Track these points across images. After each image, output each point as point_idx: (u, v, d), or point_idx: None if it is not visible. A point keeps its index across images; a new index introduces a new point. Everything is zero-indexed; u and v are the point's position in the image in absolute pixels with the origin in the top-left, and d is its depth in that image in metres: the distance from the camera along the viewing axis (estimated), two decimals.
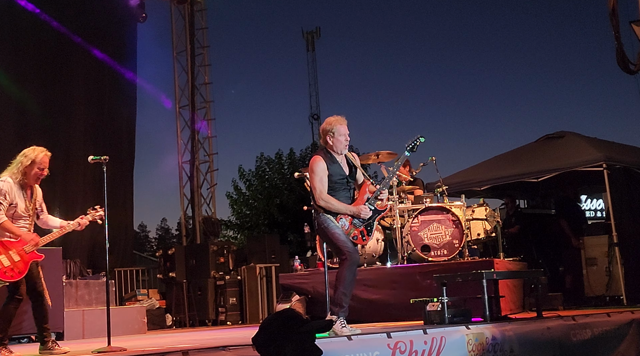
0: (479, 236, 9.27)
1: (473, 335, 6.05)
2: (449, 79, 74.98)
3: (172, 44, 15.79)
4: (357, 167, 6.46)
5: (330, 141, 6.28)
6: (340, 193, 6.25)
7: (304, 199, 20.09)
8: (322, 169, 6.18)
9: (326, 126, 6.35)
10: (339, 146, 6.31)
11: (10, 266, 6.19)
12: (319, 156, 6.25)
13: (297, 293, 9.22)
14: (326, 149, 6.33)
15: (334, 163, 6.25)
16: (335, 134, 6.28)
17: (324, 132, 6.34)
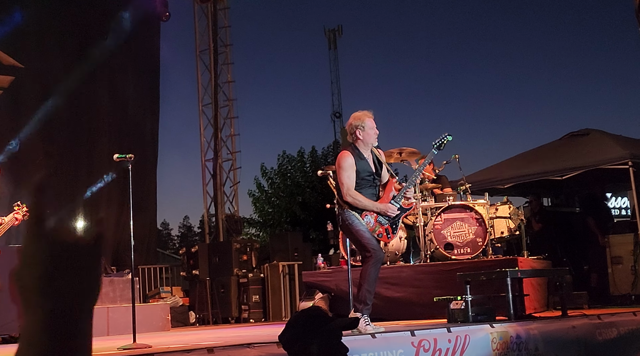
0: (503, 234, 9.21)
1: (497, 333, 6.03)
2: (472, 77, 74.66)
3: (195, 42, 15.85)
4: (383, 163, 6.45)
5: (360, 136, 6.26)
6: (366, 189, 6.25)
7: (326, 197, 20.16)
8: (350, 164, 6.18)
9: (354, 121, 6.32)
10: (369, 139, 6.30)
11: None
12: (347, 152, 6.24)
13: (320, 291, 9.23)
14: (354, 145, 6.32)
15: (361, 159, 6.25)
16: (365, 127, 6.27)
17: (353, 127, 6.31)
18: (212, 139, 15.44)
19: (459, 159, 9.63)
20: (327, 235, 13.18)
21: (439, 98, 75.78)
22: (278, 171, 24.33)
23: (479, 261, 8.56)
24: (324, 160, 24.29)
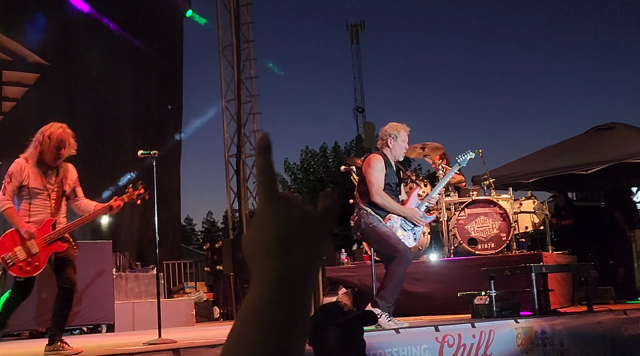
0: (527, 229, 9.17)
1: (522, 328, 6.01)
2: (496, 70, 74.21)
3: (218, 38, 15.89)
4: (402, 177, 6.46)
5: (390, 144, 6.26)
6: (390, 194, 6.25)
7: (349, 192, 20.12)
8: (381, 167, 6.17)
9: (390, 129, 6.31)
10: (398, 152, 6.31)
11: (26, 259, 5.68)
12: (379, 155, 6.24)
13: (344, 286, 9.24)
14: (382, 151, 6.31)
15: (389, 167, 6.25)
16: (399, 139, 6.28)
17: (386, 135, 6.30)
18: (236, 135, 15.48)
19: (482, 154, 9.59)
20: (349, 230, 13.17)
21: (462, 92, 75.43)
22: (301, 167, 24.41)
23: (503, 256, 8.52)
24: (347, 155, 24.32)
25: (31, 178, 5.83)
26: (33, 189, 5.82)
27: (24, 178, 5.82)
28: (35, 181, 5.84)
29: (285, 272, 0.90)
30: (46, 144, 5.92)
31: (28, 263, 5.67)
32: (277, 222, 0.91)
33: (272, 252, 0.90)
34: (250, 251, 0.92)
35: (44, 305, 8.75)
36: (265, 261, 0.90)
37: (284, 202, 0.93)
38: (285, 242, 0.90)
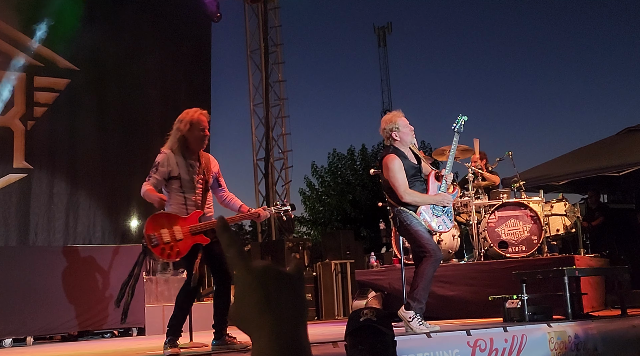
0: (558, 232, 9.09)
1: (555, 333, 5.95)
2: (525, 72, 73.60)
3: (246, 42, 15.96)
4: (421, 158, 6.44)
5: (397, 137, 6.25)
6: (416, 185, 6.24)
7: (377, 195, 20.14)
8: (398, 166, 6.17)
9: (387, 125, 6.31)
10: (407, 138, 6.30)
11: (169, 243, 5.58)
12: (392, 155, 6.23)
13: (374, 290, 9.21)
14: (394, 147, 6.30)
15: (405, 159, 6.24)
16: (400, 127, 6.27)
17: (387, 131, 6.29)
18: (264, 138, 15.52)
19: (513, 156, 9.53)
20: (378, 233, 13.14)
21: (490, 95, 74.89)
22: (328, 169, 24.38)
23: (534, 259, 8.44)
24: (374, 158, 24.27)
25: (181, 168, 5.73)
26: (184, 180, 5.72)
27: (172, 167, 5.71)
28: (184, 171, 5.74)
29: (280, 324, 1.02)
30: (190, 131, 5.80)
31: (171, 247, 5.58)
32: (260, 284, 1.03)
33: (264, 310, 1.02)
34: (242, 318, 1.04)
35: (75, 309, 8.84)
36: (259, 321, 1.02)
37: (259, 266, 1.05)
38: (273, 298, 1.02)
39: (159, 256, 5.60)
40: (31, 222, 11.97)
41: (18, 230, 11.84)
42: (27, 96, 12.59)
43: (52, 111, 12.78)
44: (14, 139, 12.36)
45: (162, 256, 5.60)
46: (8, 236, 11.89)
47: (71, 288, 8.58)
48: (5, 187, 12.13)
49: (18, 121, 12.47)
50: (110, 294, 9.26)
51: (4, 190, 12.11)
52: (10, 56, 12.41)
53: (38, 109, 12.69)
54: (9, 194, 11.92)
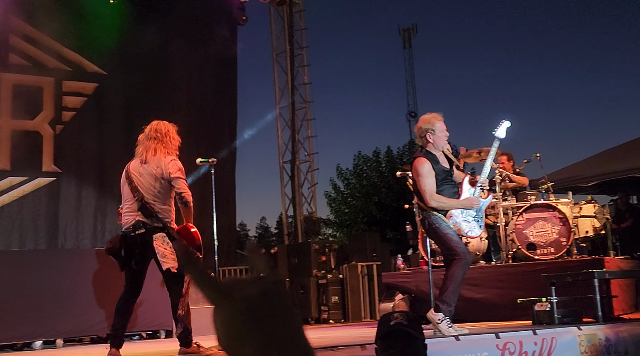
0: (588, 234, 9.01)
1: (585, 335, 5.90)
2: (553, 73, 73.08)
3: (272, 45, 16.00)
4: (453, 161, 6.41)
5: (430, 139, 6.23)
6: (447, 190, 6.21)
7: (402, 197, 20.10)
8: (428, 170, 6.15)
9: (424, 125, 6.28)
10: (440, 143, 6.27)
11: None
12: (423, 158, 6.20)
13: (401, 292, 9.19)
14: (425, 149, 6.28)
15: (437, 163, 6.22)
16: (436, 131, 6.23)
17: (423, 131, 6.27)
18: (290, 141, 15.55)
19: (540, 158, 9.46)
20: (404, 235, 13.10)
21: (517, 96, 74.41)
22: (354, 172, 24.38)
23: (563, 261, 8.38)
24: (400, 160, 24.23)
25: None
26: None
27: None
28: None
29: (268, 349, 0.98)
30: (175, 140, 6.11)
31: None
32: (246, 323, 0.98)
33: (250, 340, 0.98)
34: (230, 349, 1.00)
35: (104, 311, 8.90)
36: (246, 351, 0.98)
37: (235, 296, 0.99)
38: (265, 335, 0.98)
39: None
40: (60, 225, 12.10)
41: (47, 233, 11.97)
42: (55, 100, 12.73)
43: (80, 115, 12.92)
44: (43, 143, 12.50)
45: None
46: (37, 239, 12.03)
47: (100, 291, 8.65)
48: (34, 190, 12.27)
49: (47, 125, 12.61)
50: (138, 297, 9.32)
51: (34, 194, 12.25)
52: (39, 61, 12.57)
53: (66, 113, 12.83)
54: (38, 197, 12.06)
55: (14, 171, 12.18)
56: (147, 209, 5.66)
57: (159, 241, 5.67)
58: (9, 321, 8.34)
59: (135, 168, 5.82)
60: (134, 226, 5.67)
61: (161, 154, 5.86)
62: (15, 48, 12.48)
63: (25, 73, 12.49)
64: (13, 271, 8.50)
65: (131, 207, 5.74)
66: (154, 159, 5.82)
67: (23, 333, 8.44)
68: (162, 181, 5.78)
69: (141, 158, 5.83)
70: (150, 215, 5.68)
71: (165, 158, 5.85)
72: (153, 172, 5.79)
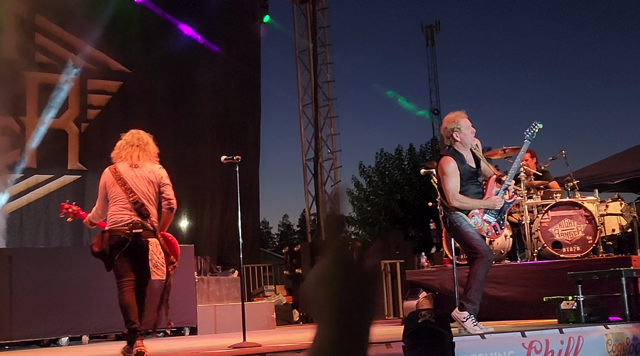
0: (614, 232, 8.92)
1: (612, 334, 5.84)
2: (578, 70, 72.54)
3: (295, 43, 16.00)
4: (481, 159, 6.37)
5: (457, 138, 6.20)
6: (472, 190, 6.19)
7: (425, 194, 20.01)
8: (453, 169, 6.13)
9: (449, 124, 6.25)
10: (467, 140, 6.24)
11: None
12: (449, 157, 6.17)
13: (425, 290, 9.15)
14: (453, 148, 6.25)
15: (463, 163, 6.19)
16: (462, 128, 6.20)
17: (449, 131, 6.24)
18: (313, 138, 15.55)
19: (566, 155, 9.38)
20: (427, 233, 13.06)
21: (541, 93, 73.88)
22: (376, 169, 24.32)
23: (589, 259, 8.30)
24: (422, 157, 24.12)
25: None
26: None
27: None
28: None
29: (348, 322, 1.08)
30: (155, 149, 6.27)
31: None
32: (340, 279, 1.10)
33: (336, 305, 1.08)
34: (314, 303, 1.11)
35: None
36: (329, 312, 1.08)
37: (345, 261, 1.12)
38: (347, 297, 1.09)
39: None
40: None
41: (72, 231, 12.07)
42: (80, 98, 12.83)
43: (104, 113, 13.01)
44: (69, 141, 12.62)
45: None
46: (63, 237, 12.13)
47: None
48: (60, 188, 12.38)
49: (72, 123, 12.72)
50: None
51: (59, 191, 12.36)
52: (65, 59, 12.66)
53: (91, 111, 12.93)
54: (64, 195, 12.15)
55: (40, 169, 12.30)
56: (143, 210, 5.80)
57: (155, 248, 5.78)
58: (36, 317, 8.41)
59: (126, 171, 5.91)
60: (132, 224, 5.75)
61: (147, 161, 6.01)
62: (41, 47, 12.59)
63: (51, 71, 12.60)
64: (39, 268, 8.57)
65: (125, 207, 5.81)
66: (144, 164, 5.97)
67: (49, 329, 8.51)
68: (155, 186, 5.95)
69: (129, 162, 5.93)
70: (146, 217, 5.81)
71: (155, 165, 6.03)
72: (147, 176, 5.93)
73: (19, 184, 12.11)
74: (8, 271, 8.46)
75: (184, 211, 13.79)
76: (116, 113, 13.08)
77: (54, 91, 12.37)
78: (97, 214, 6.06)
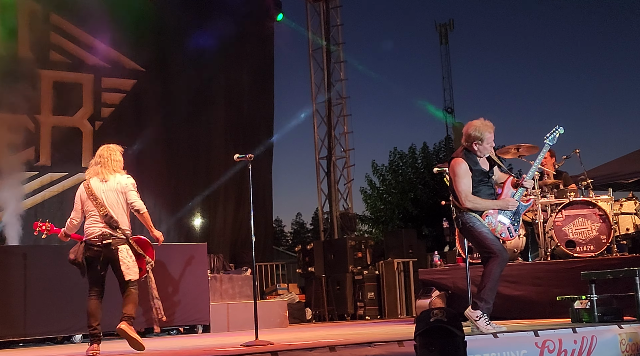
0: (628, 231, 8.86)
1: (626, 334, 5.81)
2: (592, 68, 72.11)
3: (308, 41, 15.99)
4: (495, 162, 6.35)
5: (476, 147, 6.18)
6: (484, 191, 6.16)
7: (438, 193, 19.97)
8: (465, 170, 6.11)
9: (474, 132, 6.19)
10: (484, 153, 6.23)
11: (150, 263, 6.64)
12: (460, 159, 6.16)
13: (437, 289, 9.13)
14: (467, 150, 6.23)
15: (475, 164, 6.17)
16: (484, 142, 6.17)
17: (471, 138, 6.19)
18: (326, 137, 15.54)
19: (580, 154, 9.33)
20: (440, 232, 13.04)
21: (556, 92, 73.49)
22: (389, 168, 24.30)
23: (603, 259, 8.25)
24: (436, 156, 24.09)
25: None
26: None
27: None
28: None
29: None
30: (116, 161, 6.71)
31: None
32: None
33: None
34: None
35: (141, 306, 8.98)
36: None
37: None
38: None
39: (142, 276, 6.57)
40: None
41: None
42: (94, 96, 12.88)
43: (118, 111, 13.07)
44: (83, 139, 12.68)
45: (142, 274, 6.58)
46: None
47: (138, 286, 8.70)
48: (74, 186, 12.41)
49: (86, 122, 12.78)
50: (174, 292, 9.41)
51: (73, 189, 12.30)
52: (79, 58, 12.73)
53: (105, 109, 12.99)
54: None
55: (54, 167, 12.37)
56: (113, 222, 6.31)
57: (124, 253, 6.32)
58: (50, 315, 8.47)
59: (97, 186, 6.46)
60: (102, 236, 6.29)
61: (111, 174, 6.51)
62: (55, 45, 12.66)
63: (65, 70, 12.67)
64: (53, 265, 8.62)
65: (97, 220, 6.35)
66: (110, 177, 6.49)
67: (63, 326, 8.57)
68: (123, 195, 6.47)
69: (100, 178, 6.50)
70: (115, 227, 6.31)
71: (121, 176, 6.54)
72: (115, 187, 6.46)
73: (33, 182, 12.18)
74: (22, 268, 8.52)
75: (197, 209, 13.83)
76: (130, 111, 13.13)
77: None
78: (71, 224, 6.58)
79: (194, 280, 9.64)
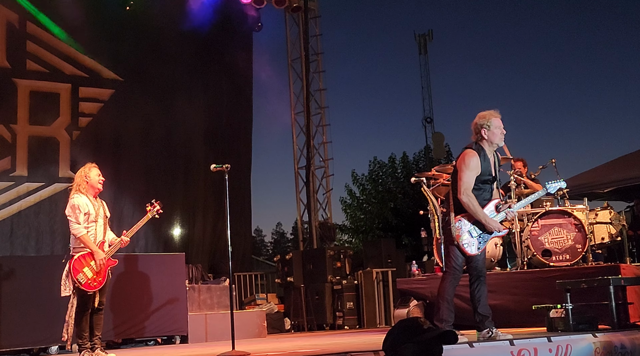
0: (603, 241, 8.94)
1: (601, 343, 5.85)
2: (569, 78, 72.75)
3: (287, 51, 16.02)
4: (497, 172, 6.26)
5: (485, 135, 6.05)
6: (485, 194, 6.08)
7: (418, 202, 19.99)
8: (475, 164, 5.98)
9: (480, 120, 6.12)
10: (495, 139, 6.09)
11: (93, 276, 6.77)
12: (473, 151, 6.00)
13: (415, 298, 9.16)
14: (479, 145, 6.13)
15: (485, 161, 6.06)
16: (492, 126, 6.07)
17: (479, 126, 6.09)
18: (305, 146, 15.55)
19: (556, 163, 9.40)
20: (419, 241, 13.06)
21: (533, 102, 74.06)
22: (369, 177, 24.33)
23: (578, 268, 8.32)
24: (415, 165, 24.13)
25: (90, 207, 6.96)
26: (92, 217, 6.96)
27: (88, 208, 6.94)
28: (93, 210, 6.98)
29: None
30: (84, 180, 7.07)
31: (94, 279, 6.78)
32: None
33: None
34: None
35: (118, 317, 8.94)
36: None
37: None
38: None
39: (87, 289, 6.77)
40: None
41: (63, 239, 12.02)
42: (72, 106, 12.81)
43: (96, 121, 13.00)
44: (60, 149, 12.59)
45: (89, 288, 6.77)
46: (54, 245, 12.11)
47: (114, 296, 8.67)
48: (51, 196, 12.37)
49: (64, 131, 12.70)
50: (152, 303, 9.36)
51: (50, 199, 12.34)
52: (56, 67, 12.66)
53: (83, 119, 12.92)
54: (55, 203, 12.14)
55: (31, 177, 12.28)
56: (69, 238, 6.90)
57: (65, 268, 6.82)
58: (25, 326, 8.39)
59: None
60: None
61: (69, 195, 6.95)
62: (32, 54, 12.59)
63: (42, 79, 12.60)
64: (30, 276, 8.56)
65: None
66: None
67: (39, 338, 8.49)
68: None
69: None
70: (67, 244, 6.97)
71: (71, 199, 6.93)
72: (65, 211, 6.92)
73: (9, 192, 12.08)
74: None
75: (176, 219, 13.78)
76: (108, 121, 13.06)
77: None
78: None
79: (172, 290, 9.60)
